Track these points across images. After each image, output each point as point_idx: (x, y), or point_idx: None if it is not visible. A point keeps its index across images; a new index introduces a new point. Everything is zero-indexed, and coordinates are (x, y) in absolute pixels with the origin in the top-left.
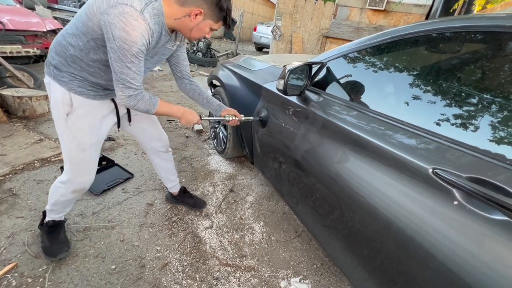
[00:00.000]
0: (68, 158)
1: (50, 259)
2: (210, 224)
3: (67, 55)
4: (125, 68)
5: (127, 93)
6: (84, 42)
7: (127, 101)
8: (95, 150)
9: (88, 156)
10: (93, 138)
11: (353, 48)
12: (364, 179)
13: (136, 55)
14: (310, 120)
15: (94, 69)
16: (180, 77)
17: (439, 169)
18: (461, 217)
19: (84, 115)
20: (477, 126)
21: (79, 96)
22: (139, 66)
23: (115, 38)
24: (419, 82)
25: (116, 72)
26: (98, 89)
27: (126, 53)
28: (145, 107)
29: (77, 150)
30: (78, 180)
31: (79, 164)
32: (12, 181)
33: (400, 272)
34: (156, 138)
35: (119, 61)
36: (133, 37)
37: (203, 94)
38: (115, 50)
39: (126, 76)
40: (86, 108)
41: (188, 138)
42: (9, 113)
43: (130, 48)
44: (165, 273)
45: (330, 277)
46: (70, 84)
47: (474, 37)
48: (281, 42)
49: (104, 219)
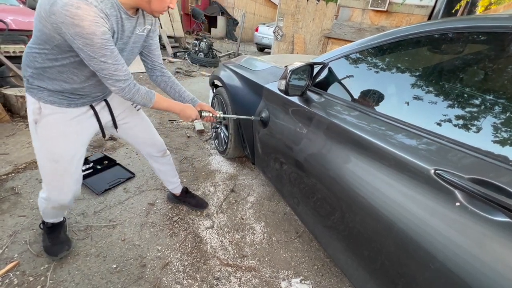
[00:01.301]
0: (42, 172)
1: (52, 258)
2: (211, 224)
3: (37, 66)
4: (102, 64)
5: (118, 86)
6: (49, 50)
7: (122, 94)
8: (71, 160)
9: (62, 167)
10: (68, 147)
11: (355, 49)
12: (366, 180)
13: (103, 46)
14: (311, 121)
15: (66, 74)
16: (151, 68)
17: (441, 170)
18: (463, 218)
19: (55, 124)
20: (480, 127)
21: (50, 104)
22: (114, 56)
23: (73, 37)
24: (421, 82)
25: (96, 70)
26: (72, 98)
27: (92, 48)
28: (141, 100)
29: (48, 162)
30: (54, 196)
31: (52, 178)
32: (15, 180)
33: (401, 273)
34: (150, 144)
35: (91, 58)
36: (87, 29)
37: (175, 87)
38: (81, 49)
39: (108, 71)
40: (57, 116)
41: (190, 138)
42: (12, 112)
43: (92, 41)
44: (166, 272)
45: (331, 278)
46: (40, 94)
47: (476, 37)
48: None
49: (105, 218)
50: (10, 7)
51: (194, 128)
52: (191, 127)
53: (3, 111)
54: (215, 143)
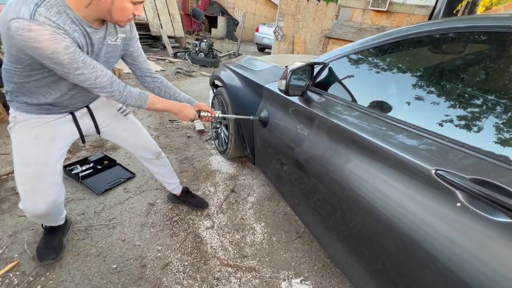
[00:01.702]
0: (16, 179)
1: (38, 262)
2: (211, 224)
3: (15, 81)
4: (80, 76)
5: (106, 91)
6: (21, 68)
7: (114, 99)
8: (44, 165)
9: (33, 172)
10: (40, 151)
11: (355, 49)
12: (366, 180)
13: (71, 61)
14: (311, 121)
15: (43, 89)
16: (140, 76)
17: (442, 170)
18: (464, 218)
19: (29, 127)
20: (481, 127)
21: (26, 113)
22: (88, 66)
23: (40, 57)
24: (422, 83)
25: (78, 83)
26: (51, 109)
27: (62, 64)
28: (135, 102)
29: (20, 166)
30: (27, 203)
31: (24, 183)
32: (15, 179)
33: (401, 274)
34: (142, 147)
35: (67, 74)
36: (47, 49)
37: (169, 91)
38: (53, 67)
39: (89, 81)
40: (32, 120)
41: (190, 138)
42: None
43: (58, 58)
44: (166, 273)
45: (331, 278)
46: (18, 105)
47: (477, 37)
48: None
49: (105, 218)
50: None
51: (194, 128)
52: (191, 127)
53: (4, 111)
54: (215, 143)
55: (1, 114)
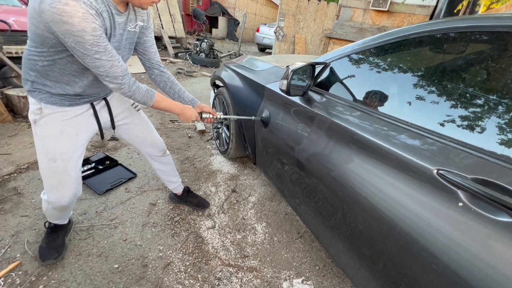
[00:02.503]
0: (41, 172)
1: (40, 262)
2: (212, 224)
3: (38, 69)
4: (96, 61)
5: (116, 83)
6: (46, 51)
7: (121, 92)
8: (69, 160)
9: (59, 167)
10: (66, 146)
11: (356, 49)
12: (368, 180)
13: (95, 42)
14: (313, 121)
15: (68, 77)
16: (149, 67)
17: (443, 170)
18: (466, 218)
19: (55, 121)
20: (483, 127)
21: (50, 105)
22: (108, 53)
23: (64, 35)
24: (423, 82)
25: (92, 68)
26: (73, 99)
27: (84, 45)
28: (142, 98)
29: (47, 161)
30: (53, 195)
31: (51, 177)
32: (17, 180)
33: (403, 274)
34: (150, 144)
35: (85, 56)
36: (77, 25)
37: (174, 87)
38: (73, 47)
39: (103, 68)
40: (57, 115)
41: (191, 138)
42: (14, 112)
43: (83, 38)
44: (168, 272)
45: (332, 278)
46: (41, 95)
47: (479, 37)
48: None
49: (107, 218)
50: (12, 8)
51: (195, 128)
52: (192, 127)
53: (6, 111)
54: (216, 143)
55: (3, 115)
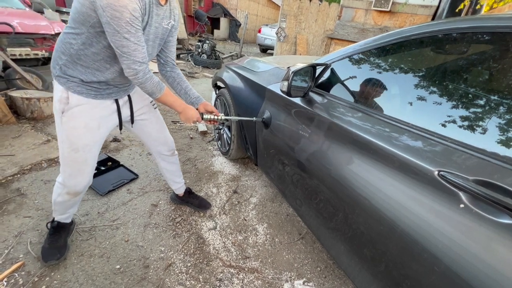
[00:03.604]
0: (61, 158)
1: (42, 263)
2: (213, 225)
3: (72, 53)
4: (124, 40)
5: (133, 68)
6: (84, 32)
7: (135, 77)
8: (90, 151)
9: (80, 157)
10: (88, 138)
11: (357, 50)
12: (369, 182)
13: (131, 22)
14: (314, 122)
15: (99, 63)
16: (163, 63)
17: (445, 171)
18: (467, 220)
19: (81, 114)
20: (484, 128)
21: (77, 95)
22: (137, 36)
23: (104, 9)
24: (425, 83)
25: (117, 46)
26: (99, 89)
27: (119, 22)
28: (151, 88)
29: (69, 151)
30: (71, 181)
31: (71, 166)
32: (20, 181)
33: (405, 275)
34: (162, 142)
35: (115, 33)
36: (121, 1)
37: (182, 84)
38: (109, 22)
39: (128, 49)
40: (83, 106)
41: (193, 139)
42: (18, 114)
43: (122, 14)
44: (169, 273)
45: (334, 280)
46: (69, 83)
47: (481, 38)
48: (286, 43)
49: (109, 219)
50: (16, 11)
51: (197, 129)
52: (194, 128)
53: (9, 113)
54: (218, 144)
55: (7, 116)
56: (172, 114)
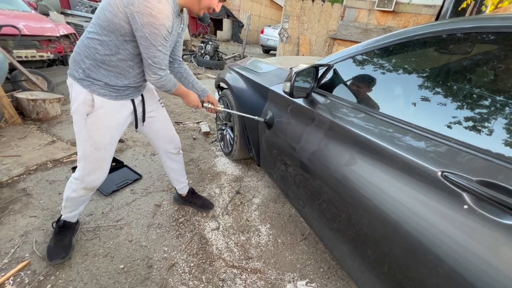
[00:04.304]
0: (83, 156)
1: (48, 262)
2: (216, 225)
3: (97, 58)
4: (157, 52)
5: (159, 74)
6: (112, 40)
7: (158, 81)
8: (109, 149)
9: (102, 155)
10: (109, 138)
11: (360, 50)
12: (372, 182)
13: (165, 37)
14: (316, 123)
15: (122, 66)
16: (171, 61)
17: (448, 172)
18: (471, 221)
19: (104, 116)
20: (489, 129)
21: (101, 97)
22: (166, 47)
23: (143, 25)
24: (428, 84)
25: (149, 57)
26: (120, 90)
27: (156, 38)
28: (169, 86)
29: (92, 149)
30: (90, 177)
31: (92, 163)
32: (26, 181)
33: (408, 277)
34: (169, 140)
35: (151, 47)
36: (161, 20)
37: (189, 78)
38: (146, 37)
39: (158, 59)
40: (106, 109)
41: (196, 140)
42: (23, 115)
43: (160, 31)
44: (172, 273)
45: (337, 281)
46: (93, 86)
47: (486, 38)
48: (288, 44)
49: (113, 219)
50: (22, 13)
51: (200, 130)
52: (197, 129)
53: (16, 114)
54: (220, 145)
55: (13, 117)
56: (175, 115)
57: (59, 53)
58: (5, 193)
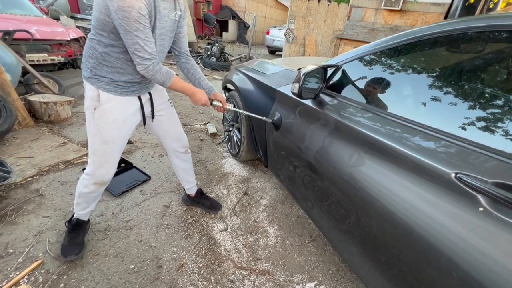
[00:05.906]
0: (92, 150)
1: (62, 258)
2: (224, 226)
3: (97, 56)
4: (134, 37)
5: (144, 64)
6: (106, 37)
7: (146, 71)
8: (117, 144)
9: (109, 148)
10: (116, 132)
11: (369, 51)
12: (382, 184)
13: (139, 19)
14: (325, 123)
15: (121, 62)
16: (178, 55)
17: (462, 174)
18: (487, 224)
19: (110, 111)
20: (504, 129)
21: (106, 92)
22: (145, 33)
23: (116, 12)
24: (439, 84)
25: (129, 45)
26: (125, 86)
27: (129, 22)
28: (161, 78)
29: (100, 143)
30: (100, 170)
31: (100, 156)
32: (39, 182)
33: (420, 280)
34: (177, 138)
35: (127, 33)
36: (128, 2)
37: (196, 74)
38: (120, 24)
39: (138, 45)
40: (111, 103)
41: (203, 141)
42: (36, 117)
43: (130, 13)
44: (181, 274)
45: (346, 283)
46: (99, 83)
47: (498, 36)
48: (294, 44)
49: (123, 219)
50: (34, 18)
51: (207, 131)
52: (204, 130)
53: (28, 116)
54: (227, 146)
55: (26, 120)
56: (182, 116)
57: (69, 57)
58: (19, 194)
